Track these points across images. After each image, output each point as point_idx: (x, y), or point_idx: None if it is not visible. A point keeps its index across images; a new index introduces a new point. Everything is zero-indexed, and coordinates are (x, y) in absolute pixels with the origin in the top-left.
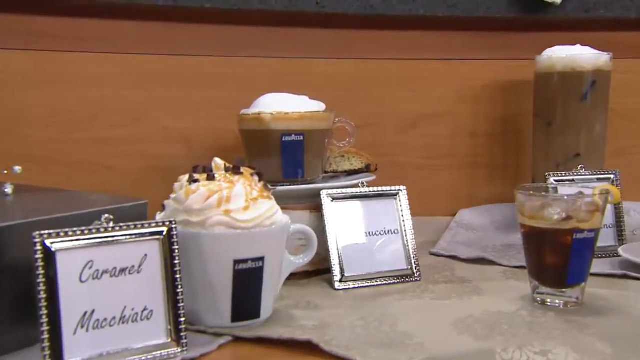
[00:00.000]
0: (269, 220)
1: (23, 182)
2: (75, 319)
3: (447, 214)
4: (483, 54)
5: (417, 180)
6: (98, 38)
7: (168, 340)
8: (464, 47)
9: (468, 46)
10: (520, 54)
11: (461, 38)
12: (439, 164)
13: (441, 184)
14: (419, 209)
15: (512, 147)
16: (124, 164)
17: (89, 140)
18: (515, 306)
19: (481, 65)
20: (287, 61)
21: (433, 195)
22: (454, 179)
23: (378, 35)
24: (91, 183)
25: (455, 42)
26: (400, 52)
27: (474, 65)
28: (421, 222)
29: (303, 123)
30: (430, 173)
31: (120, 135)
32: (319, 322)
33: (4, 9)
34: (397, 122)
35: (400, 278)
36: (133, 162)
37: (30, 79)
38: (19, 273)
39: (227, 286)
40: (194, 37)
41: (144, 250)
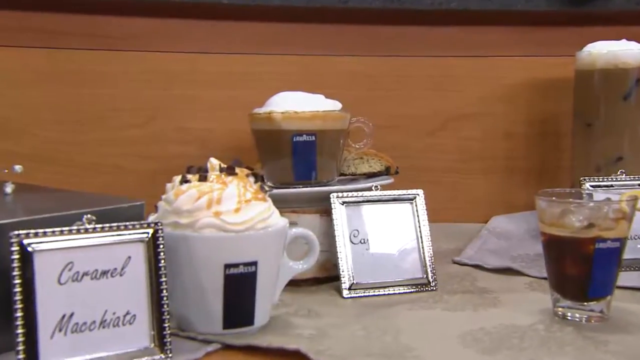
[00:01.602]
0: (262, 223)
1: (34, 182)
2: (52, 322)
3: (480, 220)
4: (519, 51)
5: (448, 185)
6: (113, 36)
7: (151, 345)
8: (498, 43)
9: (503, 42)
10: (561, 50)
11: (496, 33)
12: (471, 167)
13: (474, 189)
14: (449, 215)
15: (551, 150)
16: (136, 165)
17: (102, 140)
18: (533, 320)
19: (517, 62)
20: (308, 58)
21: (465, 200)
22: (488, 184)
23: (405, 31)
24: (103, 184)
25: (489, 38)
26: (429, 48)
27: (510, 63)
28: (450, 229)
29: (315, 123)
30: (462, 177)
31: (134, 135)
32: (317, 331)
33: (19, 7)
34: (426, 123)
35: (414, 287)
36: (146, 163)
37: (44, 76)
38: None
39: (218, 291)
40: (211, 35)
41: (127, 252)
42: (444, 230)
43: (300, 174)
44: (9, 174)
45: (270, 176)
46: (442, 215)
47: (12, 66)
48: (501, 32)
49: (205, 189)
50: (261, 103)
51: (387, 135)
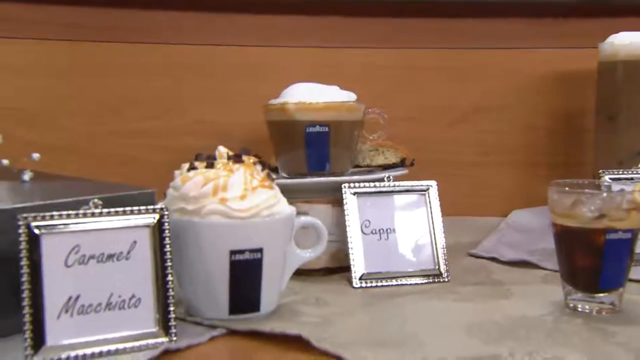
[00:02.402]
0: (268, 210)
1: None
2: (59, 303)
3: (500, 214)
4: (541, 42)
5: (468, 178)
6: (132, 28)
7: (156, 329)
8: (520, 35)
9: (524, 34)
10: (584, 41)
11: (517, 25)
12: (491, 161)
13: (494, 183)
14: (468, 208)
15: (574, 143)
16: (154, 157)
17: (121, 132)
18: (542, 311)
19: (539, 54)
20: (326, 51)
21: (485, 194)
22: (509, 178)
23: (424, 23)
24: (122, 175)
25: (510, 29)
26: (448, 40)
27: (531, 55)
28: (469, 222)
29: (328, 113)
30: (482, 171)
31: (152, 127)
32: (322, 319)
33: (42, 1)
34: (446, 115)
35: (426, 278)
36: (164, 154)
37: (66, 69)
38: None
39: (224, 277)
40: (228, 27)
41: (133, 236)
42: (462, 223)
43: (313, 165)
44: (27, 162)
45: (285, 167)
46: (462, 209)
47: (36, 59)
48: (522, 23)
49: (211, 176)
50: (277, 95)
51: (405, 127)
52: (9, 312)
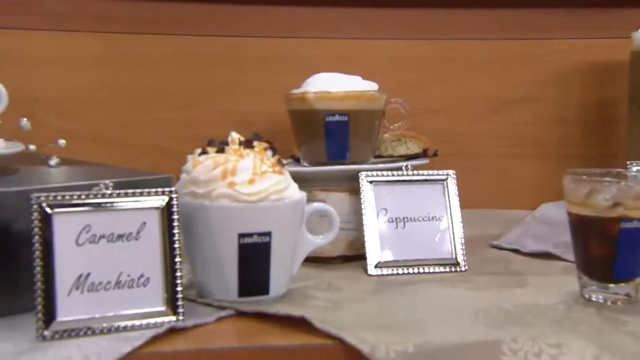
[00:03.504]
0: (276, 195)
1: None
2: (70, 280)
3: (530, 207)
4: (574, 33)
5: (497, 171)
6: (161, 20)
7: (163, 308)
8: (551, 25)
9: (556, 24)
10: (617, 31)
11: (549, 15)
12: (522, 153)
13: (524, 176)
14: (497, 201)
15: (607, 136)
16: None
17: (148, 121)
18: (555, 300)
19: (571, 45)
20: (354, 42)
21: (515, 187)
22: (540, 171)
23: (452, 14)
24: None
25: (541, 19)
26: (479, 31)
27: (563, 45)
28: (496, 215)
29: (348, 103)
30: (512, 163)
31: (178, 117)
32: (331, 304)
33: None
34: (475, 107)
35: (442, 267)
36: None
37: (98, 60)
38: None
39: (233, 260)
40: (254, 18)
41: (142, 218)
42: (490, 215)
43: (333, 154)
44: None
45: (306, 156)
46: (490, 202)
47: (70, 50)
48: (553, 13)
49: (221, 160)
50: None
51: (434, 119)
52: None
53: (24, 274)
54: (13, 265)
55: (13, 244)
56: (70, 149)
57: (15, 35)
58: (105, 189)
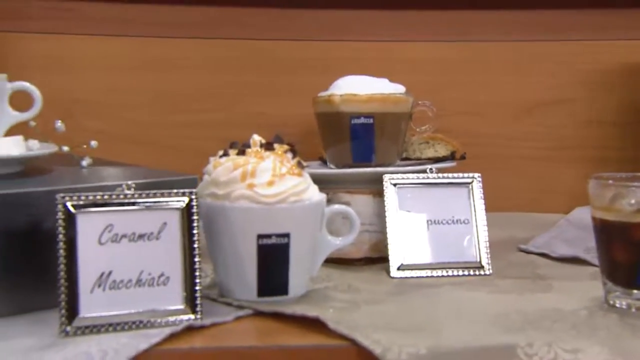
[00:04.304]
0: (295, 197)
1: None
2: (92, 278)
3: (564, 211)
4: (609, 34)
5: (531, 174)
6: (194, 24)
7: (183, 306)
8: (586, 26)
9: (591, 25)
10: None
11: (583, 16)
12: (558, 156)
13: (560, 179)
14: (532, 204)
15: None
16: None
17: (185, 123)
18: (578, 306)
19: (607, 46)
20: (385, 44)
21: (549, 191)
22: (576, 174)
23: (485, 16)
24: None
25: (575, 21)
26: (512, 33)
27: (599, 47)
28: (529, 218)
29: (373, 105)
30: (547, 166)
31: (214, 119)
32: (350, 305)
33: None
34: (507, 110)
35: (466, 270)
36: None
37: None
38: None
39: (252, 260)
40: (289, 22)
41: (163, 218)
42: (520, 219)
43: (358, 156)
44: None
45: (332, 158)
46: (524, 205)
47: (109, 53)
48: (589, 14)
49: (241, 162)
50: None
51: (465, 122)
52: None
53: (53, 271)
54: (42, 263)
55: (42, 242)
56: (106, 150)
57: (57, 40)
58: (127, 189)
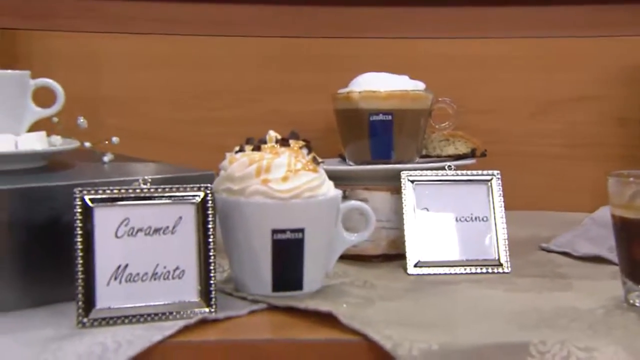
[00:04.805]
0: (309, 192)
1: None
2: (109, 271)
3: (588, 210)
4: (632, 29)
5: (553, 172)
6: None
7: (197, 299)
8: (608, 22)
9: (613, 20)
10: None
11: (605, 12)
12: (580, 154)
13: (582, 177)
14: (553, 203)
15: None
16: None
17: (201, 120)
18: (596, 305)
19: (630, 42)
20: (406, 41)
21: (572, 189)
22: (599, 172)
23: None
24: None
25: (597, 16)
26: (531, 29)
27: (624, 43)
28: (551, 217)
29: (392, 102)
30: (569, 164)
31: (235, 116)
32: (364, 301)
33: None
34: (530, 107)
35: (484, 268)
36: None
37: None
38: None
39: (267, 255)
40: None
41: (179, 212)
42: (543, 217)
43: (377, 153)
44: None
45: (351, 155)
46: (546, 203)
47: (133, 51)
48: (612, 10)
49: (256, 158)
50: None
51: (486, 119)
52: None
53: (72, 264)
54: (62, 256)
55: (62, 235)
56: (130, 146)
57: (81, 38)
58: (143, 184)
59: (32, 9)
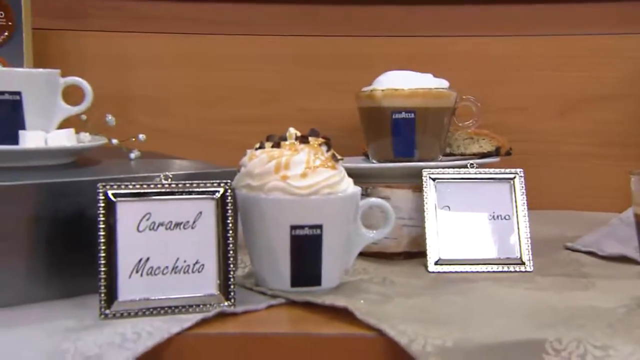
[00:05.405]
0: (328, 189)
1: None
2: (131, 264)
3: (616, 210)
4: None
5: (581, 171)
6: (239, 22)
7: (217, 293)
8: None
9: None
10: None
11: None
12: (608, 153)
13: (610, 177)
14: (580, 203)
15: None
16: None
17: (226, 118)
18: (617, 304)
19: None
20: (429, 40)
21: (601, 188)
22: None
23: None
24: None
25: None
26: (559, 26)
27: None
28: (577, 216)
29: (414, 100)
30: (597, 163)
31: (258, 114)
32: (382, 297)
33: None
34: (556, 105)
35: (505, 266)
36: None
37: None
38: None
39: (285, 251)
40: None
41: (199, 207)
42: (570, 217)
43: (400, 151)
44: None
45: (374, 153)
46: (574, 203)
47: (160, 50)
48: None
49: (275, 154)
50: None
51: (512, 117)
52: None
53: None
54: (87, 249)
55: (87, 229)
56: (157, 143)
57: (111, 38)
58: (164, 179)
59: (63, 10)
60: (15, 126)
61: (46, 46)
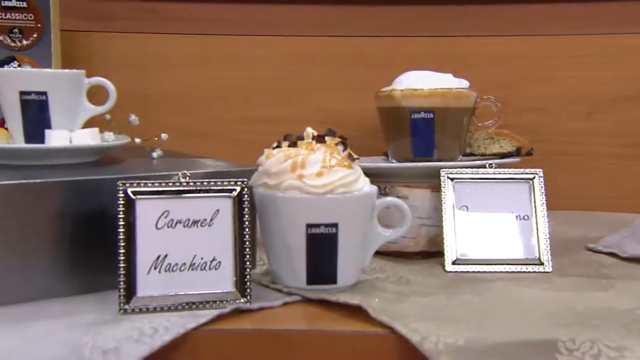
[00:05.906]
0: (343, 188)
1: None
2: (149, 260)
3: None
4: None
5: (606, 172)
6: (258, 23)
7: (233, 290)
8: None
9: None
10: None
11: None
12: (633, 153)
13: (636, 178)
14: (605, 204)
15: None
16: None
17: (247, 118)
18: (634, 305)
19: None
20: (453, 40)
21: (626, 189)
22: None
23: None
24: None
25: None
26: (583, 26)
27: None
28: (602, 217)
29: (434, 100)
30: (623, 164)
31: (277, 114)
32: (397, 296)
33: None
34: (580, 105)
35: (524, 266)
36: None
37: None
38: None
39: (301, 249)
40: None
41: (216, 205)
42: (594, 218)
43: (419, 151)
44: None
45: (393, 153)
46: (598, 204)
47: (180, 51)
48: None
49: (291, 154)
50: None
51: (536, 118)
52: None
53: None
54: (109, 245)
55: (108, 226)
56: (179, 142)
57: (137, 39)
58: (182, 178)
59: (91, 11)
60: (41, 125)
61: (74, 47)
